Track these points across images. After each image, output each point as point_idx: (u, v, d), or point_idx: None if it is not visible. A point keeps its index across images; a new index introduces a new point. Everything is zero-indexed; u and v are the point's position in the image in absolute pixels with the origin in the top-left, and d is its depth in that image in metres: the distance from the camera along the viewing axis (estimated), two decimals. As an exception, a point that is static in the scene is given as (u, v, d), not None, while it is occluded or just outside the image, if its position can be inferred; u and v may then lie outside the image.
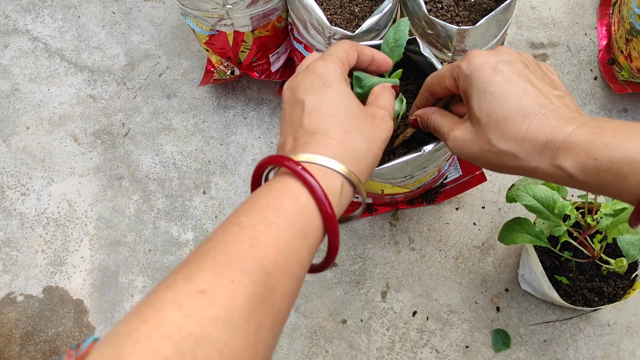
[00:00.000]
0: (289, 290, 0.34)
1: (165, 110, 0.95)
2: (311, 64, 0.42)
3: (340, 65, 0.42)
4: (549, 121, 0.38)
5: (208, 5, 0.72)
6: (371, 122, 0.41)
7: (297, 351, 0.81)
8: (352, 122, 0.40)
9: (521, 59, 0.43)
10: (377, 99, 0.44)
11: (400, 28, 0.52)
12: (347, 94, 0.41)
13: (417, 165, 0.61)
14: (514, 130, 0.39)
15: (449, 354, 0.80)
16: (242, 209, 0.35)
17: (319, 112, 0.40)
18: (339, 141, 0.39)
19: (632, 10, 0.79)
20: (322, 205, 0.36)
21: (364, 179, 0.40)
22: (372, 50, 0.47)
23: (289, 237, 0.34)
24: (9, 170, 0.93)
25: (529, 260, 0.72)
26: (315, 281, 0.84)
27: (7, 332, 0.85)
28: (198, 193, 0.90)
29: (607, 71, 0.90)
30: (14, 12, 1.03)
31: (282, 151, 0.41)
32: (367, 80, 0.48)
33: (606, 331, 0.80)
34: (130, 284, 0.86)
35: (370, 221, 0.86)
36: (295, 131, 0.40)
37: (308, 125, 0.39)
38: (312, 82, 0.41)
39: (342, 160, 0.38)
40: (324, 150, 0.38)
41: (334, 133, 0.39)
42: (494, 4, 0.72)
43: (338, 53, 0.43)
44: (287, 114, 0.42)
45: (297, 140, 0.39)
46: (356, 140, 0.39)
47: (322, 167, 0.37)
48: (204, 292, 0.29)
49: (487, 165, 0.43)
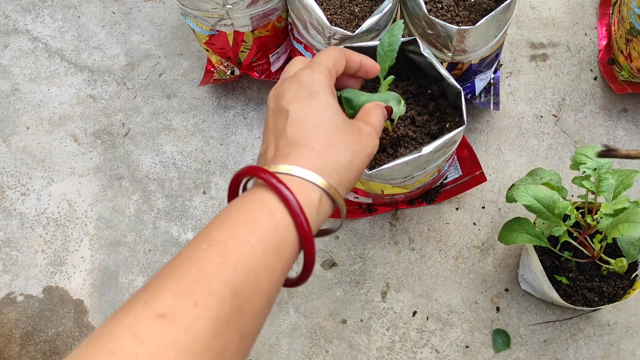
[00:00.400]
0: (258, 309, 0.32)
1: (165, 110, 0.95)
2: (298, 72, 0.41)
3: (328, 76, 0.41)
4: None
5: (208, 5, 0.72)
6: (356, 137, 0.40)
7: (297, 351, 0.81)
8: (337, 135, 0.39)
9: None
10: (366, 115, 0.44)
11: (394, 32, 0.52)
12: (332, 105, 0.40)
13: (417, 166, 0.61)
14: None
15: (449, 354, 0.80)
16: (214, 224, 0.34)
17: (302, 123, 0.38)
18: (321, 153, 0.37)
19: (632, 10, 0.79)
20: (298, 219, 0.34)
21: (344, 192, 0.39)
22: (360, 56, 0.46)
23: (262, 254, 0.33)
24: (9, 170, 0.93)
25: (529, 260, 0.72)
26: (315, 281, 0.84)
27: (7, 332, 0.85)
28: (198, 193, 0.90)
29: (607, 71, 0.90)
30: (14, 12, 1.03)
31: (262, 160, 0.40)
32: (357, 100, 0.47)
33: (606, 331, 0.80)
34: (130, 284, 0.86)
35: (370, 221, 0.86)
36: (278, 140, 0.39)
37: (291, 135, 0.38)
38: (298, 92, 0.40)
39: (323, 173, 0.37)
40: (305, 162, 0.37)
41: (316, 145, 0.38)
42: (494, 4, 0.72)
43: (326, 62, 0.42)
44: (270, 122, 0.41)
45: (278, 150, 0.38)
46: (339, 153, 0.38)
47: (300, 180, 0.36)
48: (164, 316, 0.28)
49: None
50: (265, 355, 0.81)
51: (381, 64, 0.53)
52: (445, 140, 0.58)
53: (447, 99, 0.64)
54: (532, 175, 0.68)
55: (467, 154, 0.83)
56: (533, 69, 0.93)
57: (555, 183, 0.66)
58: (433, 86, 0.63)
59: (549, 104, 0.91)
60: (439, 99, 0.63)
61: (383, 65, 0.53)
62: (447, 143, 0.59)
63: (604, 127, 0.90)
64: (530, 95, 0.92)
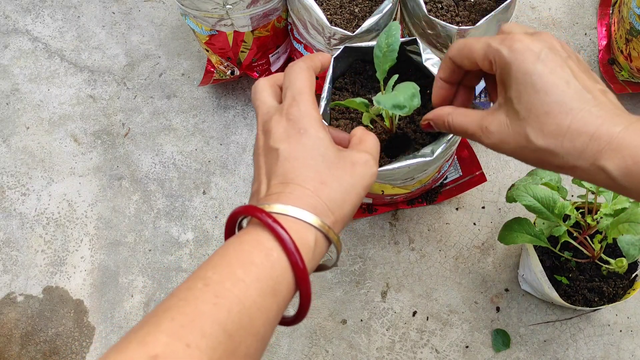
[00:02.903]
0: (252, 351, 0.32)
1: (165, 110, 0.95)
2: (286, 108, 0.39)
3: (315, 105, 0.40)
4: (593, 118, 0.36)
5: (208, 5, 0.72)
6: (350, 170, 0.38)
7: (297, 351, 0.81)
8: (330, 171, 0.37)
9: (561, 47, 0.40)
10: (360, 142, 0.41)
11: (392, 32, 0.52)
12: (323, 139, 0.38)
13: (418, 167, 0.61)
14: (554, 126, 0.37)
15: (449, 354, 0.80)
16: (210, 262, 0.34)
17: (293, 162, 0.37)
18: (314, 192, 0.36)
19: (632, 10, 0.79)
20: (294, 260, 0.34)
21: (339, 230, 0.38)
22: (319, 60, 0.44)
23: (257, 295, 0.32)
24: (9, 170, 0.93)
25: (529, 260, 0.72)
26: (315, 281, 0.84)
27: (7, 332, 0.85)
28: (198, 193, 0.90)
29: (607, 71, 0.90)
30: (14, 12, 1.03)
31: (255, 198, 0.39)
32: (383, 100, 0.48)
33: (606, 331, 0.80)
34: (130, 284, 0.86)
35: (370, 221, 0.86)
36: (270, 179, 0.38)
37: (283, 174, 0.37)
38: (287, 130, 0.38)
39: (317, 213, 0.36)
40: (298, 201, 0.36)
41: (309, 184, 0.36)
42: (494, 4, 0.72)
43: (304, 87, 0.40)
44: (261, 161, 0.39)
45: (270, 189, 0.37)
46: (333, 190, 0.37)
47: (295, 220, 0.35)
48: (156, 357, 0.28)
49: (525, 161, 0.40)
50: (265, 355, 0.81)
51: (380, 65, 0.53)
52: (449, 140, 0.58)
53: None
54: (532, 175, 0.68)
55: (467, 154, 0.83)
56: (533, 69, 0.93)
57: (555, 183, 0.66)
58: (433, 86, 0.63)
59: (549, 104, 0.91)
60: None
61: (383, 66, 0.53)
62: (449, 144, 0.59)
63: (604, 127, 0.90)
64: (530, 95, 0.92)
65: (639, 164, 0.34)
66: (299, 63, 0.42)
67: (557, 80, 0.37)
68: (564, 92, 0.37)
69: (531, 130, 0.38)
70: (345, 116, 0.64)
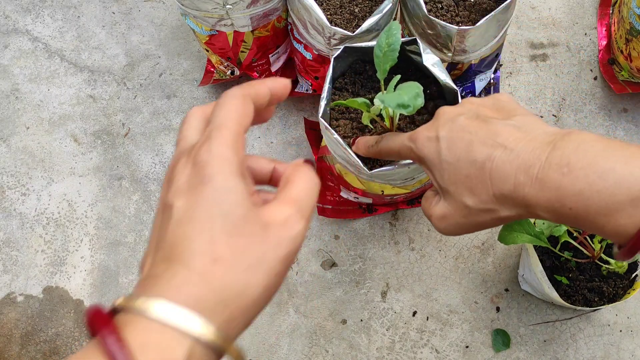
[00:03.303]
0: None
1: (165, 110, 0.95)
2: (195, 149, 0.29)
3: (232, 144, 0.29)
4: (507, 166, 0.36)
5: (208, 5, 0.72)
6: (261, 235, 0.28)
7: (297, 351, 0.81)
8: (231, 240, 0.27)
9: (461, 112, 0.41)
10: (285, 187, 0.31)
11: (393, 32, 0.52)
12: (232, 191, 0.28)
13: (419, 167, 0.61)
14: (480, 185, 0.38)
15: (449, 354, 0.80)
16: None
17: (186, 226, 0.27)
18: (202, 276, 0.26)
19: (632, 10, 0.79)
20: None
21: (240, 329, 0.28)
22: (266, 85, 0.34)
23: None
24: (9, 170, 0.93)
25: (529, 260, 0.72)
26: (315, 281, 0.84)
27: (7, 332, 0.85)
28: (198, 193, 0.90)
29: (607, 71, 0.90)
30: (14, 12, 1.03)
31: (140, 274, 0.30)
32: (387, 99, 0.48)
33: (606, 331, 0.80)
34: (130, 284, 0.86)
35: (370, 221, 0.86)
36: (157, 250, 0.28)
37: (170, 246, 0.27)
38: (189, 179, 0.28)
39: (201, 307, 0.26)
40: (175, 292, 0.26)
41: (197, 262, 0.26)
42: (494, 4, 0.72)
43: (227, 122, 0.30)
44: (156, 220, 0.30)
45: (152, 266, 0.28)
46: (230, 270, 0.27)
47: (160, 327, 0.25)
48: None
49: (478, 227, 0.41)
50: (265, 355, 0.81)
51: (381, 65, 0.53)
52: None
53: (445, 99, 0.64)
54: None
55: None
56: (533, 69, 0.93)
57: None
58: (432, 86, 0.63)
59: (549, 104, 0.91)
60: (438, 99, 0.63)
61: (383, 66, 0.53)
62: None
63: (604, 127, 0.90)
64: (530, 95, 0.92)
65: (565, 207, 0.34)
66: (233, 90, 0.32)
67: (460, 144, 0.39)
68: (469, 152, 0.38)
69: (464, 197, 0.39)
70: (345, 116, 0.64)
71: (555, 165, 0.34)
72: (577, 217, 0.33)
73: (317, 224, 0.87)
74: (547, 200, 0.34)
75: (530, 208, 0.36)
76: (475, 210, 0.39)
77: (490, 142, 0.38)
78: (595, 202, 0.32)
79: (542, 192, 0.34)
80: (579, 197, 0.33)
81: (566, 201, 0.33)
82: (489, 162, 0.37)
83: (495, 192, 0.37)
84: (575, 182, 0.33)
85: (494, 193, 0.37)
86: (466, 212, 0.40)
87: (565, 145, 0.34)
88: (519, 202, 0.36)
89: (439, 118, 0.42)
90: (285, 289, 0.84)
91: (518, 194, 0.36)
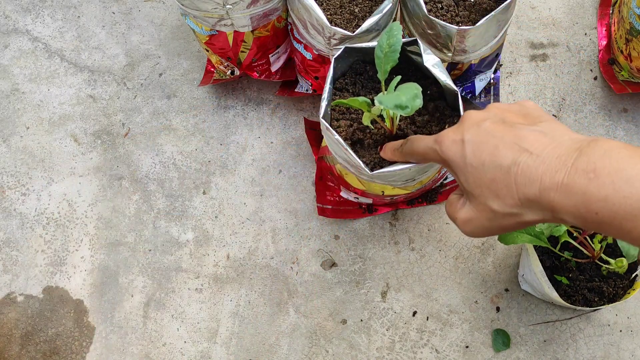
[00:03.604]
0: None
1: (165, 110, 0.95)
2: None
3: None
4: (533, 170, 0.37)
5: (208, 5, 0.72)
6: None
7: (297, 351, 0.81)
8: None
9: (486, 117, 0.42)
10: None
11: (394, 33, 0.52)
12: None
13: (420, 169, 0.61)
14: (505, 189, 0.38)
15: (449, 354, 0.80)
16: None
17: None
18: None
19: (632, 10, 0.79)
20: None
21: None
22: None
23: None
24: (9, 170, 0.93)
25: (529, 260, 0.72)
26: (315, 281, 0.84)
27: (7, 332, 0.85)
28: (198, 193, 0.90)
29: (607, 71, 0.90)
30: (14, 12, 1.03)
31: None
32: (387, 100, 0.48)
33: (606, 331, 0.80)
34: (130, 284, 0.86)
35: (370, 221, 0.86)
36: None
37: None
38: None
39: None
40: None
41: None
42: (494, 4, 0.72)
43: None
44: None
45: None
46: None
47: None
48: None
49: (504, 230, 0.42)
50: (265, 355, 0.82)
51: (381, 65, 0.53)
52: None
53: (445, 100, 0.64)
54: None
55: (467, 154, 0.83)
56: (533, 69, 0.93)
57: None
58: (432, 87, 0.63)
59: (549, 104, 0.91)
60: (438, 100, 0.63)
61: (384, 66, 0.53)
62: None
63: (604, 127, 0.90)
64: (530, 95, 0.92)
65: (591, 212, 0.34)
66: None
67: (487, 149, 0.39)
68: (495, 157, 0.39)
69: (490, 201, 0.40)
70: (345, 117, 0.64)
71: (581, 170, 0.34)
72: (603, 223, 0.34)
73: (317, 224, 0.87)
74: (573, 206, 0.34)
75: (556, 213, 0.36)
76: (501, 213, 0.40)
77: (516, 147, 0.38)
78: (622, 207, 0.32)
79: (568, 197, 0.35)
80: (606, 203, 0.33)
81: (592, 206, 0.33)
82: (514, 167, 0.37)
83: (521, 196, 0.37)
84: (602, 187, 0.33)
85: (519, 197, 0.38)
86: (491, 216, 0.41)
87: (591, 152, 0.34)
88: (545, 207, 0.36)
89: (465, 122, 0.43)
90: (285, 289, 0.84)
91: (544, 199, 0.36)
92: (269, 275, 0.85)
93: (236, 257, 0.86)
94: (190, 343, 0.83)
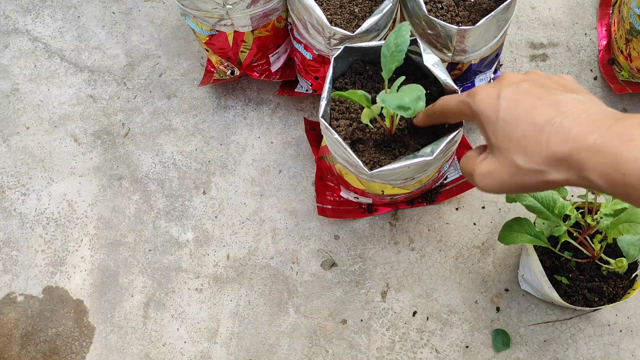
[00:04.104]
0: None
1: (165, 110, 0.95)
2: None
3: None
4: (567, 130, 0.37)
5: (208, 5, 0.72)
6: None
7: (297, 351, 0.81)
8: None
9: (526, 79, 0.43)
10: None
11: (402, 32, 0.52)
12: None
13: (419, 168, 0.61)
14: (534, 145, 0.39)
15: (449, 354, 0.80)
16: None
17: None
18: None
19: (632, 10, 0.79)
20: None
21: None
22: None
23: None
24: (9, 170, 0.93)
25: (529, 260, 0.72)
26: (315, 281, 0.84)
27: (7, 332, 0.85)
28: (198, 193, 0.90)
29: (607, 71, 0.90)
30: (14, 12, 1.03)
31: None
32: (388, 99, 0.48)
33: (606, 331, 0.80)
34: (130, 284, 0.86)
35: (370, 221, 0.86)
36: None
37: None
38: None
39: None
40: None
41: None
42: (494, 4, 0.72)
43: None
44: None
45: None
46: None
47: None
48: None
49: (521, 189, 0.42)
50: (265, 355, 0.82)
51: (387, 64, 0.53)
52: (448, 141, 0.58)
53: None
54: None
55: (467, 154, 0.83)
56: (533, 69, 0.93)
57: (555, 183, 0.66)
58: (432, 86, 0.63)
59: (549, 104, 0.91)
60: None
61: (389, 66, 0.53)
62: (449, 144, 0.59)
63: (604, 127, 0.90)
64: (530, 95, 0.92)
65: (619, 172, 0.34)
66: None
67: (523, 106, 0.40)
68: (531, 114, 0.39)
69: (516, 156, 0.40)
70: (345, 116, 0.64)
71: (616, 134, 0.35)
72: (628, 185, 0.34)
73: (317, 224, 0.87)
74: (602, 165, 0.35)
75: (583, 172, 0.36)
76: (524, 170, 0.40)
77: (554, 108, 0.39)
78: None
79: (599, 157, 0.35)
80: (635, 164, 0.33)
81: (621, 167, 0.34)
82: (548, 125, 0.38)
83: (550, 154, 0.38)
84: (634, 149, 0.34)
85: (547, 155, 0.38)
86: (514, 171, 0.41)
87: (628, 121, 0.35)
88: (573, 166, 0.37)
89: (503, 80, 0.43)
90: (285, 289, 0.84)
91: (573, 157, 0.37)
92: (269, 275, 0.85)
93: (236, 257, 0.86)
94: (190, 343, 0.83)
